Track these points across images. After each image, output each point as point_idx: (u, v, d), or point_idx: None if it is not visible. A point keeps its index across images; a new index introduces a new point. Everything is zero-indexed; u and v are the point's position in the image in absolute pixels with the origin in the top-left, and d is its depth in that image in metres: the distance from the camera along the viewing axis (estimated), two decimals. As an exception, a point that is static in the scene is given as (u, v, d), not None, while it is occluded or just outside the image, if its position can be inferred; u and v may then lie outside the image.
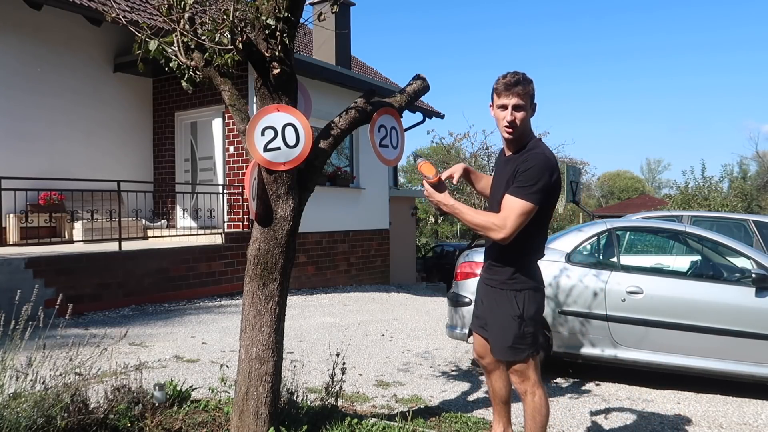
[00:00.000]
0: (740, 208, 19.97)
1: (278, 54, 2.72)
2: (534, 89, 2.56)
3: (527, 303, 2.63)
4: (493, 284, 2.73)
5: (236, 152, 10.39)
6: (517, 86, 2.49)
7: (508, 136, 2.59)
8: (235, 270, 9.48)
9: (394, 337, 6.69)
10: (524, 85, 2.51)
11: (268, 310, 2.87)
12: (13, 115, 9.22)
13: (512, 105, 2.51)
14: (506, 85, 2.51)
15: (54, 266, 7.31)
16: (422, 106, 14.64)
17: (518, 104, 2.51)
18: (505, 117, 2.53)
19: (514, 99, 2.51)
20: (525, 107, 2.53)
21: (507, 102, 2.52)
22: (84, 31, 9.87)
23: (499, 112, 2.58)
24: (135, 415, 3.06)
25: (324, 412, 3.32)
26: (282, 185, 2.83)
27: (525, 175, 2.48)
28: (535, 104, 2.60)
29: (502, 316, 2.67)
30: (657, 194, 49.31)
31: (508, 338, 2.64)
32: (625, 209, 28.00)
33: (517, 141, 2.62)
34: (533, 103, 2.59)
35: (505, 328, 2.65)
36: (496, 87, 2.57)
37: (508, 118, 2.52)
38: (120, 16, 3.15)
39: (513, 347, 2.63)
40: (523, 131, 2.59)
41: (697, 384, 4.80)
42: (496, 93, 2.58)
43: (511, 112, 2.52)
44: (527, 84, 2.52)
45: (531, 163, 2.50)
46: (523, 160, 2.54)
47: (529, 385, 2.65)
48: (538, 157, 2.52)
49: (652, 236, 7.03)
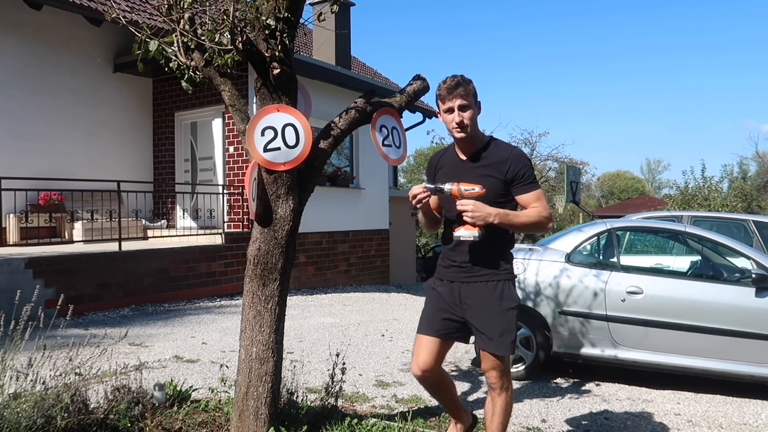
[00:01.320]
0: (740, 209, 19.98)
1: (278, 54, 2.72)
2: (475, 88, 2.65)
3: (515, 293, 2.71)
4: (482, 279, 2.68)
5: (236, 152, 10.39)
6: (458, 88, 2.59)
7: (460, 136, 2.65)
8: (235, 270, 9.48)
9: (394, 337, 6.69)
10: (464, 85, 2.60)
11: (268, 310, 2.88)
12: (13, 115, 9.22)
13: (458, 106, 2.60)
14: (448, 89, 2.61)
15: (54, 266, 7.32)
16: (422, 106, 14.63)
17: (463, 104, 2.60)
18: (453, 119, 2.61)
19: (458, 100, 2.59)
20: (470, 106, 2.61)
21: (452, 104, 2.61)
22: (84, 31, 9.87)
23: (446, 116, 2.65)
24: (135, 416, 3.06)
25: (324, 412, 3.32)
26: (282, 185, 2.83)
27: (528, 172, 2.65)
28: (480, 102, 2.69)
29: (504, 309, 2.64)
30: (657, 194, 49.30)
31: (511, 330, 2.64)
32: (625, 209, 28.00)
33: (471, 141, 2.69)
34: (477, 102, 2.67)
35: (509, 320, 2.64)
36: (439, 93, 2.66)
37: (456, 120, 2.60)
38: (120, 16, 3.16)
39: (508, 340, 2.63)
40: (474, 130, 2.66)
41: (697, 384, 4.80)
42: (440, 99, 2.66)
43: (458, 113, 2.60)
44: (467, 84, 2.62)
45: (522, 161, 2.66)
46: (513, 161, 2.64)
47: (507, 379, 2.69)
48: (519, 152, 2.70)
49: (652, 236, 7.04)
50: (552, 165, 29.61)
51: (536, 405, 4.31)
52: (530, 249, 5.37)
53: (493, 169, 2.65)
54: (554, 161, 28.96)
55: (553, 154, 28.57)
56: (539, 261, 5.14)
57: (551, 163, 29.40)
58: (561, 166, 26.87)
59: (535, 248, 5.36)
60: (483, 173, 2.65)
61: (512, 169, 2.63)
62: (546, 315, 4.99)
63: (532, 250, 5.31)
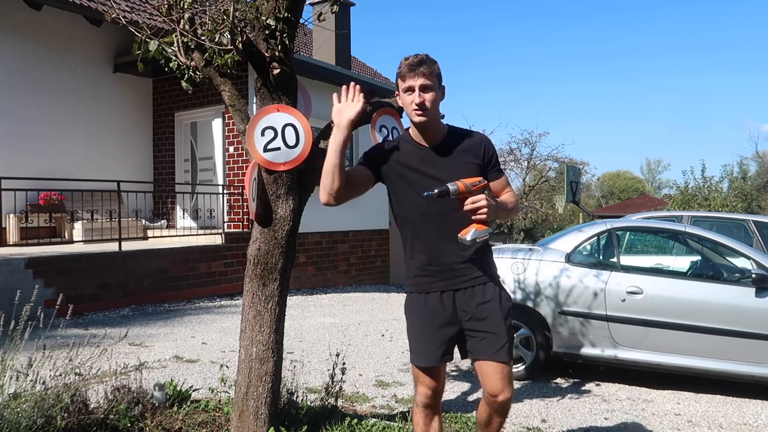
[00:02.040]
0: (740, 209, 19.97)
1: (278, 54, 2.72)
2: (440, 70, 2.38)
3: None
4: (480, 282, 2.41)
5: (236, 152, 10.39)
6: (422, 66, 2.31)
7: (420, 119, 2.34)
8: (235, 270, 9.48)
9: (394, 337, 6.69)
10: (429, 64, 2.33)
11: (268, 310, 2.88)
12: (13, 115, 9.22)
13: (419, 86, 2.31)
14: (410, 66, 2.32)
15: (54, 266, 7.32)
16: (422, 107, 14.63)
17: (425, 84, 2.31)
18: (413, 99, 2.32)
19: (420, 80, 2.30)
20: (433, 87, 2.33)
21: (413, 83, 2.31)
22: (84, 31, 9.88)
23: (406, 97, 2.36)
24: (135, 416, 3.06)
25: (324, 412, 3.32)
26: (282, 185, 2.83)
27: (497, 156, 2.52)
28: (444, 87, 2.43)
29: (502, 313, 2.40)
30: (657, 194, 49.30)
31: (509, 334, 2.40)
32: (625, 209, 28.01)
33: (432, 126, 2.40)
34: (442, 86, 2.41)
35: (506, 325, 2.40)
36: (400, 71, 2.36)
37: (416, 100, 2.31)
38: (120, 16, 3.16)
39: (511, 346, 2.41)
40: (435, 115, 2.38)
41: (697, 384, 4.80)
42: (400, 77, 2.37)
43: (419, 94, 2.31)
44: (432, 63, 2.35)
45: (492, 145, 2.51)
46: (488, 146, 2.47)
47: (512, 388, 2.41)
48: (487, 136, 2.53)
49: (652, 236, 7.04)
50: (552, 165, 29.58)
51: (536, 405, 4.31)
52: (530, 249, 5.37)
53: (472, 155, 2.42)
54: (554, 161, 28.93)
55: (553, 154, 28.54)
56: (539, 261, 5.14)
57: (551, 163, 29.37)
58: (561, 166, 26.86)
59: (535, 248, 5.36)
60: (464, 159, 2.41)
61: (487, 152, 2.44)
62: (546, 315, 4.99)
63: (532, 250, 5.31)
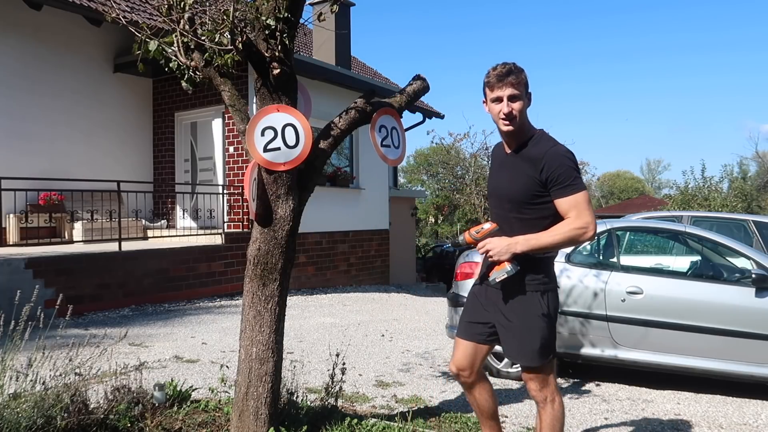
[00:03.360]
0: (740, 209, 19.98)
1: (278, 54, 2.72)
2: (527, 78, 2.44)
3: (551, 303, 2.50)
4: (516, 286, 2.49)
5: (236, 152, 10.39)
6: (510, 76, 2.37)
7: (508, 129, 2.42)
8: (235, 270, 9.48)
9: (394, 337, 6.69)
10: (517, 74, 2.38)
11: (268, 310, 2.88)
12: (13, 115, 9.22)
13: (507, 96, 2.38)
14: (498, 77, 2.38)
15: (54, 266, 7.31)
16: (422, 107, 14.64)
17: (513, 94, 2.38)
18: (501, 109, 2.39)
19: (508, 89, 2.37)
20: (521, 97, 2.39)
21: (501, 93, 2.38)
22: (84, 31, 9.87)
23: (494, 106, 2.43)
24: (135, 416, 3.06)
25: (324, 412, 3.32)
26: (282, 185, 2.83)
27: (565, 173, 2.36)
28: (530, 93, 2.48)
29: (529, 318, 2.47)
30: (657, 194, 49.29)
31: (536, 340, 2.46)
32: (625, 209, 27.98)
33: (519, 134, 2.46)
34: (528, 93, 2.46)
35: (533, 330, 2.46)
36: (488, 80, 2.43)
37: (504, 110, 2.38)
38: (120, 16, 3.15)
39: (541, 350, 2.46)
40: (522, 123, 2.43)
41: (697, 384, 4.80)
42: (488, 87, 2.43)
43: (507, 104, 2.38)
44: (519, 72, 2.40)
45: (559, 160, 2.37)
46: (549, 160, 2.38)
47: (549, 391, 2.53)
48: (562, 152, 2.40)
49: (652, 236, 7.03)
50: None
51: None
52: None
53: (529, 167, 2.41)
54: (554, 161, 28.89)
55: (554, 154, 28.48)
56: (539, 261, 5.13)
57: (551, 163, 29.33)
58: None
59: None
60: (520, 170, 2.45)
61: (546, 168, 2.36)
62: (546, 315, 4.98)
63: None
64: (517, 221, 2.44)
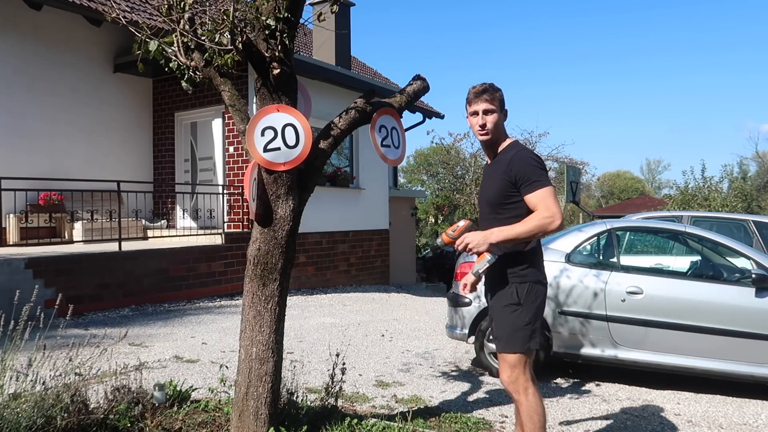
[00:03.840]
0: (740, 209, 19.99)
1: (278, 54, 2.72)
2: (502, 96, 2.78)
3: (528, 294, 2.68)
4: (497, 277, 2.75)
5: (236, 152, 10.39)
6: (485, 93, 2.73)
7: (483, 138, 2.78)
8: (234, 270, 9.48)
9: (394, 337, 6.69)
10: (491, 92, 2.74)
11: (268, 310, 2.88)
12: (14, 114, 9.22)
13: (482, 110, 2.72)
14: (475, 94, 2.74)
15: (54, 266, 7.31)
16: (422, 107, 14.64)
17: (488, 108, 2.72)
18: (477, 122, 2.75)
19: (483, 104, 2.72)
20: (495, 111, 2.73)
21: (477, 108, 2.73)
22: (84, 31, 9.88)
23: (472, 119, 2.78)
24: (135, 416, 3.06)
25: (324, 412, 3.32)
26: (282, 185, 2.83)
27: (530, 171, 2.63)
28: (506, 110, 2.80)
29: (501, 308, 2.72)
30: (657, 194, 49.29)
31: (506, 329, 2.69)
32: (625, 209, 28.00)
33: (495, 145, 2.80)
34: (504, 109, 2.78)
35: (504, 319, 2.70)
36: (468, 97, 2.79)
37: (479, 122, 2.74)
38: (120, 16, 3.16)
39: (511, 339, 2.67)
40: (497, 135, 2.77)
41: (697, 384, 4.80)
42: (468, 102, 2.79)
43: (482, 117, 2.73)
44: (495, 91, 2.75)
45: (525, 161, 2.66)
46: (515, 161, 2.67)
47: (522, 382, 2.67)
48: (527, 154, 2.70)
49: (652, 236, 7.04)
50: (552, 165, 29.58)
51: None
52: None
53: (501, 170, 2.71)
54: (554, 161, 28.94)
55: (553, 155, 28.53)
56: (539, 261, 5.14)
57: (551, 163, 29.35)
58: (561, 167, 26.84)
59: (535, 248, 5.36)
60: (495, 175, 2.76)
61: (515, 169, 2.65)
62: (546, 315, 4.98)
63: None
64: (496, 221, 2.70)
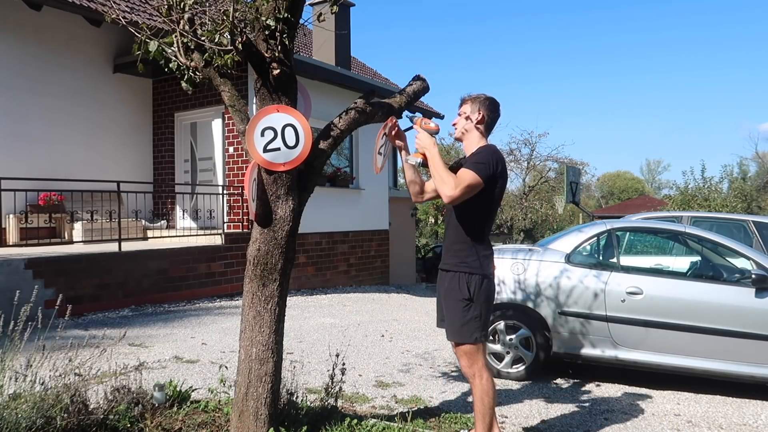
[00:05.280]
0: (740, 209, 20.01)
1: (278, 55, 2.72)
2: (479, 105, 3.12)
3: (476, 287, 2.94)
4: (445, 268, 3.05)
5: (236, 153, 10.39)
6: (461, 103, 3.19)
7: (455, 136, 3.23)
8: (234, 271, 9.48)
9: (394, 337, 6.69)
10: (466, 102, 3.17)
11: (268, 310, 2.87)
12: (13, 115, 9.22)
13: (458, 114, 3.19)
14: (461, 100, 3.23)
15: (54, 267, 7.31)
16: (422, 107, 14.65)
17: (460, 113, 3.17)
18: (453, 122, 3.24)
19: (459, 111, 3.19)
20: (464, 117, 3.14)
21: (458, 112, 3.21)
22: (84, 31, 9.88)
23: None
24: (135, 416, 3.06)
25: (324, 412, 3.32)
26: (281, 186, 2.83)
27: (476, 156, 2.98)
28: (483, 116, 3.11)
29: (453, 298, 2.96)
30: (657, 195, 49.30)
31: (456, 320, 2.95)
32: (625, 210, 27.98)
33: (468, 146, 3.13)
34: (480, 115, 3.10)
35: (456, 310, 2.95)
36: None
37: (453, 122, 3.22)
38: (120, 16, 3.16)
39: (462, 329, 2.92)
40: (468, 139, 3.12)
41: (697, 384, 4.80)
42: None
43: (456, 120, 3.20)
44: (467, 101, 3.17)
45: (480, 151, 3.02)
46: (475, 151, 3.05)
47: (477, 368, 2.94)
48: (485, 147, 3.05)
49: (651, 237, 7.04)
50: (552, 165, 29.63)
51: (536, 405, 4.31)
52: (530, 249, 5.37)
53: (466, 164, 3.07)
54: (554, 162, 28.99)
55: (553, 155, 28.60)
56: (539, 261, 5.14)
57: (551, 163, 29.43)
58: (561, 167, 26.88)
59: (534, 249, 5.36)
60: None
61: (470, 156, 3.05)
62: (546, 316, 4.99)
63: (532, 251, 5.31)
64: (451, 226, 3.04)
